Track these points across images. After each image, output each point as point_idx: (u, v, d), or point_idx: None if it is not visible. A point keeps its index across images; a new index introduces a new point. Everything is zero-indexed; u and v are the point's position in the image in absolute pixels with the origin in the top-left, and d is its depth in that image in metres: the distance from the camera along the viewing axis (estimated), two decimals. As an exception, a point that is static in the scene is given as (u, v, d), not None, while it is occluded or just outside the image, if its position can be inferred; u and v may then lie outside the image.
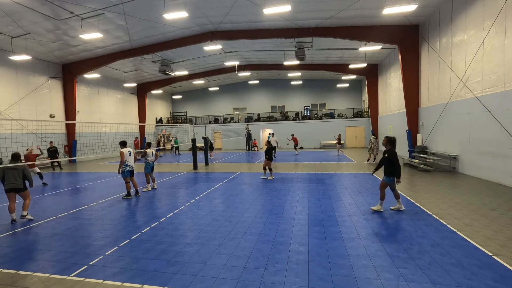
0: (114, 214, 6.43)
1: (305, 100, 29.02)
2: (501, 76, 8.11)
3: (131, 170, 8.05)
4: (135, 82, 24.89)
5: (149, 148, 9.17)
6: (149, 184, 9.06)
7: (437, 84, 11.86)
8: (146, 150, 9.06)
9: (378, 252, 4.05)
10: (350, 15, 12.71)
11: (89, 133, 19.72)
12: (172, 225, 5.50)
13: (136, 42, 15.96)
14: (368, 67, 21.28)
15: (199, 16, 13.25)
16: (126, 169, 7.94)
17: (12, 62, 15.31)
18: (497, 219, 5.23)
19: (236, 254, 4.11)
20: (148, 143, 9.44)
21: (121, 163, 7.87)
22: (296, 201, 7.06)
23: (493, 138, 8.47)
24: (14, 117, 15.20)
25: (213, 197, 7.82)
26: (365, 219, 5.52)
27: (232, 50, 19.24)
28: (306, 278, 3.40)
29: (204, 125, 26.28)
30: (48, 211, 6.81)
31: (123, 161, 7.87)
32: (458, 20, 10.22)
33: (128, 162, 7.97)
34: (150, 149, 9.13)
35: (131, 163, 8.08)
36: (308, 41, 16.42)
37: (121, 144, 8.12)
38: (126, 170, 7.94)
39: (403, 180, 9.43)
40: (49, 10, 11.27)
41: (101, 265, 3.90)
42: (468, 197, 6.92)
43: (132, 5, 11.52)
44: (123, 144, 8.11)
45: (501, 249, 4.02)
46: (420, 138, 13.58)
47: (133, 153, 8.26)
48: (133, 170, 8.12)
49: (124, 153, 7.93)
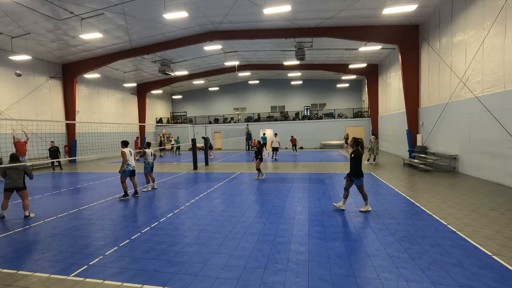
0: (114, 214, 6.43)
1: (305, 100, 29.03)
2: (501, 76, 8.11)
3: (132, 170, 8.02)
4: (135, 82, 24.89)
5: (148, 148, 9.14)
6: (149, 184, 9.04)
7: (437, 84, 11.86)
8: (145, 150, 9.02)
9: (378, 252, 4.05)
10: (350, 15, 12.71)
11: (89, 133, 19.72)
12: (172, 225, 5.50)
13: (136, 42, 15.96)
14: (368, 67, 21.28)
15: (199, 16, 13.25)
16: (127, 169, 7.90)
17: (12, 62, 15.31)
18: (497, 219, 5.23)
19: (236, 254, 4.11)
20: (148, 143, 9.40)
21: (123, 162, 7.84)
22: (296, 201, 7.06)
23: (493, 138, 8.47)
24: (14, 117, 15.20)
25: (213, 197, 7.82)
26: (365, 219, 5.52)
27: (232, 50, 19.24)
28: (306, 278, 3.40)
29: (204, 125, 26.29)
30: (48, 211, 6.81)
31: (125, 161, 7.84)
32: (458, 20, 10.22)
33: (129, 162, 7.95)
34: (149, 149, 9.10)
35: (132, 163, 8.06)
36: (308, 41, 16.42)
37: (122, 143, 8.10)
38: (127, 170, 7.90)
39: (403, 180, 9.44)
40: (49, 10, 11.27)
41: (101, 265, 3.90)
42: (468, 197, 6.92)
43: (132, 5, 11.53)
44: (125, 144, 8.09)
45: (501, 249, 4.01)
46: (420, 138, 13.58)
47: (133, 153, 8.25)
48: (134, 170, 8.10)
49: (126, 153, 7.90)
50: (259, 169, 10.31)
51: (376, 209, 6.16)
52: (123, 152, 7.89)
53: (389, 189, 8.03)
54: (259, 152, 10.24)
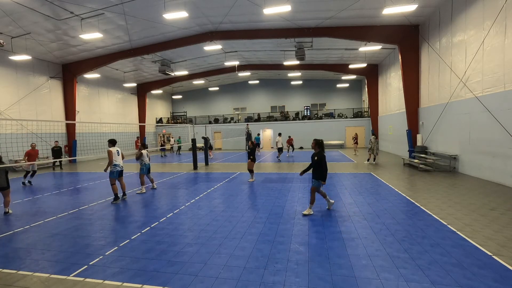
0: (114, 214, 6.43)
1: (305, 100, 29.03)
2: (501, 76, 8.11)
3: (120, 171, 7.60)
4: (135, 82, 24.90)
5: (144, 149, 8.83)
6: (143, 186, 8.64)
7: (437, 84, 11.86)
8: (141, 152, 8.70)
9: (378, 252, 4.05)
10: (350, 15, 12.71)
11: (89, 133, 19.73)
12: (172, 225, 5.50)
13: (136, 42, 15.96)
14: (368, 67, 21.29)
15: (199, 16, 13.25)
16: (115, 169, 7.46)
17: (12, 62, 15.32)
18: (497, 219, 5.23)
19: (236, 254, 4.11)
20: (143, 144, 9.04)
21: (109, 163, 7.39)
22: (296, 201, 7.06)
23: (493, 138, 8.47)
24: (14, 117, 15.20)
25: (213, 197, 7.82)
26: (364, 219, 5.52)
27: (232, 50, 19.24)
28: (306, 278, 3.40)
29: (204, 125, 26.29)
30: (48, 211, 6.81)
31: (111, 161, 7.39)
32: (458, 20, 10.22)
33: (117, 162, 7.51)
34: (145, 150, 8.82)
35: (120, 163, 7.63)
36: (308, 41, 16.42)
37: (109, 142, 7.64)
38: (115, 171, 7.46)
39: (403, 180, 9.44)
40: (49, 10, 11.27)
41: (101, 265, 3.90)
42: (468, 197, 6.92)
43: (132, 5, 11.53)
44: (112, 142, 7.66)
45: (501, 249, 4.01)
46: (420, 138, 13.58)
47: (121, 152, 7.79)
48: (122, 170, 7.68)
49: (112, 152, 7.45)
50: (252, 170, 10.06)
51: (376, 209, 6.16)
52: (109, 152, 7.44)
53: (389, 189, 8.04)
54: (252, 152, 10.04)
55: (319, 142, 5.91)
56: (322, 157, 5.77)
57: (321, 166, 5.74)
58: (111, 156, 7.43)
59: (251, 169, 10.05)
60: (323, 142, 6.08)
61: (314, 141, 5.98)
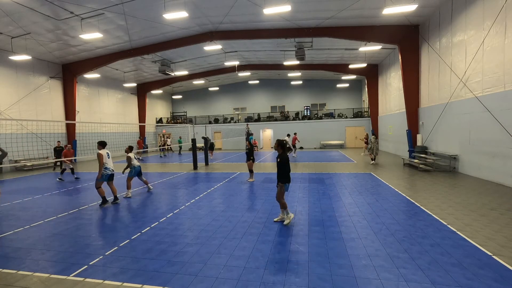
0: (114, 214, 6.43)
1: (305, 100, 29.02)
2: (501, 76, 8.11)
3: (111, 174, 7.29)
4: (135, 82, 24.90)
5: (131, 151, 8.33)
6: (129, 191, 8.18)
7: (437, 84, 11.86)
8: (129, 155, 8.15)
9: (378, 252, 4.05)
10: (350, 15, 12.71)
11: (89, 133, 19.73)
12: (172, 225, 5.50)
13: (136, 42, 15.96)
14: (368, 67, 21.29)
15: (199, 16, 13.25)
16: (106, 173, 7.11)
17: (12, 62, 15.32)
18: (497, 219, 5.23)
19: (236, 254, 4.10)
20: (130, 146, 8.43)
21: (100, 166, 6.93)
22: (296, 201, 7.06)
23: (493, 138, 8.47)
24: (14, 117, 15.20)
25: (213, 197, 7.82)
26: (364, 219, 5.52)
27: (232, 50, 19.24)
28: (306, 278, 3.40)
29: (204, 125, 26.30)
30: (48, 211, 6.81)
31: (102, 164, 6.97)
32: (458, 20, 10.22)
33: (107, 165, 7.18)
34: (132, 152, 8.36)
35: (111, 166, 7.32)
36: (308, 41, 16.42)
37: (99, 144, 7.19)
38: (105, 174, 7.11)
39: (403, 180, 9.43)
40: (49, 10, 11.27)
41: (101, 265, 3.90)
42: (468, 197, 6.92)
43: (132, 5, 11.53)
44: (102, 144, 7.21)
45: (501, 249, 4.02)
46: (420, 138, 13.58)
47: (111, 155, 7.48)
48: (113, 174, 7.39)
49: (103, 155, 7.05)
50: (252, 171, 10.11)
51: (376, 209, 6.16)
52: (100, 155, 6.98)
53: (389, 189, 8.04)
54: (251, 152, 10.07)
55: (282, 143, 5.47)
56: (284, 158, 5.35)
57: (284, 167, 5.33)
58: (101, 159, 7.00)
59: (251, 169, 10.10)
60: (287, 143, 5.70)
61: (277, 142, 5.49)
